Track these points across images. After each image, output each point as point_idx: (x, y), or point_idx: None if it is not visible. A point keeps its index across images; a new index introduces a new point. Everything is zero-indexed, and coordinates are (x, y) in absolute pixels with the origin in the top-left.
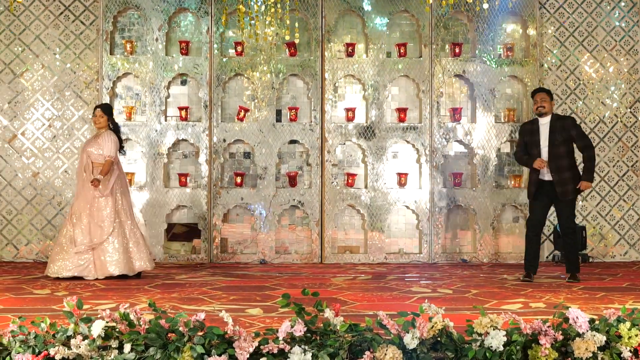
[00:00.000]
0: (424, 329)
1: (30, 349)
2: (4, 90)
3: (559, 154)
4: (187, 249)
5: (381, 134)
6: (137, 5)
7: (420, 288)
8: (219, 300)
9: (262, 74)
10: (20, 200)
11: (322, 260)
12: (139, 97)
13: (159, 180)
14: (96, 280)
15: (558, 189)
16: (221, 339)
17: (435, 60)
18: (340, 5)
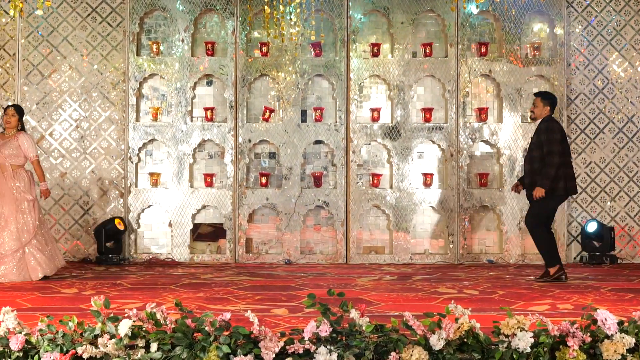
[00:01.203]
0: (450, 330)
1: (58, 348)
2: (32, 91)
3: (532, 157)
4: (213, 249)
5: (406, 134)
6: (163, 7)
7: (446, 289)
8: (244, 300)
9: (287, 74)
10: (48, 200)
11: (347, 261)
12: (165, 98)
13: (185, 180)
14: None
15: (528, 191)
16: (247, 338)
17: (461, 60)
18: (365, 5)
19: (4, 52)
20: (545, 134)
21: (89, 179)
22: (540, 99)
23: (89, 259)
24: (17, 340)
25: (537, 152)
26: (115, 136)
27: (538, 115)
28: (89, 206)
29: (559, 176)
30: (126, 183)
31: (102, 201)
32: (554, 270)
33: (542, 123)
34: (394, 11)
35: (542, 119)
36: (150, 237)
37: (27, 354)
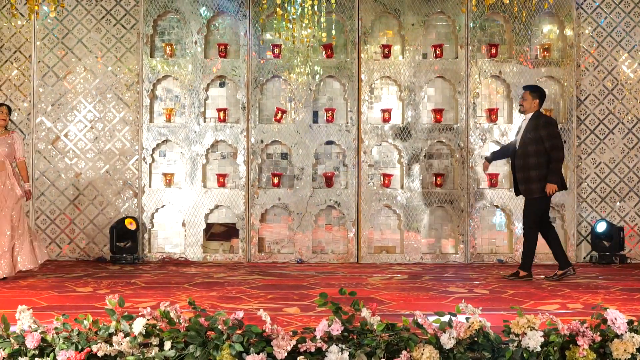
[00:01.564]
0: (461, 329)
1: (74, 346)
2: (47, 92)
3: (527, 152)
4: (225, 248)
5: (417, 134)
6: (177, 9)
7: (457, 288)
8: (257, 299)
9: (299, 75)
10: (63, 200)
11: (359, 260)
12: (179, 99)
13: (198, 180)
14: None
15: (521, 186)
16: (259, 337)
17: (471, 61)
18: (376, 7)
19: (19, 54)
20: (546, 129)
21: (103, 179)
22: (529, 92)
23: (104, 258)
24: (33, 339)
25: (533, 147)
26: (129, 137)
27: (527, 108)
28: (104, 206)
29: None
30: (140, 183)
31: (117, 201)
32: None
33: (538, 119)
34: (404, 13)
35: (533, 113)
36: (163, 236)
37: (43, 352)
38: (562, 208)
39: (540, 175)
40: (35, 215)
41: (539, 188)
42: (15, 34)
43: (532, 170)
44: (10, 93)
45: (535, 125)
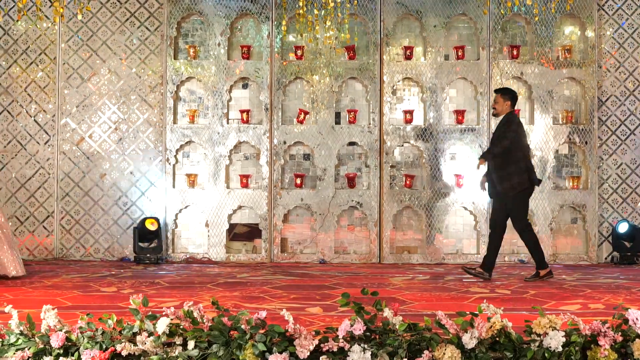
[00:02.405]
0: (483, 329)
1: (98, 345)
2: (72, 94)
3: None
4: (248, 249)
5: (439, 135)
6: (200, 11)
7: (479, 288)
8: (279, 299)
9: (321, 77)
10: (88, 200)
11: (381, 261)
12: (202, 101)
13: (221, 181)
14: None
15: (491, 190)
16: (282, 336)
17: (493, 62)
18: (398, 9)
19: (44, 56)
20: (503, 127)
21: (127, 180)
22: (500, 95)
23: (128, 258)
24: (57, 338)
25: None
26: (153, 138)
27: (500, 111)
28: (128, 207)
29: (522, 169)
30: (164, 184)
31: (140, 202)
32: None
33: (504, 118)
34: (426, 15)
35: (505, 115)
36: (187, 236)
37: (68, 351)
38: (584, 209)
39: (507, 173)
40: (60, 215)
41: (509, 186)
42: (40, 36)
43: (499, 170)
44: (35, 95)
45: (499, 125)
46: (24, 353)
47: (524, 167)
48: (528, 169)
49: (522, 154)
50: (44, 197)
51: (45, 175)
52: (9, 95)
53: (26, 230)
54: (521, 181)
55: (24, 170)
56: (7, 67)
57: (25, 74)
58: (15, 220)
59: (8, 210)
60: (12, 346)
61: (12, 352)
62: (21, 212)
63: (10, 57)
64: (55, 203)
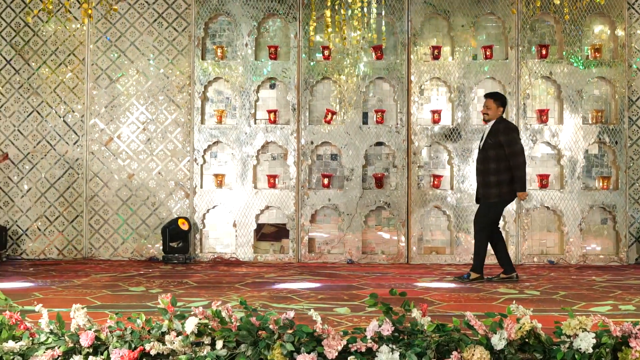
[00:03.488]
0: (512, 330)
1: (127, 344)
2: (101, 95)
3: (487, 157)
4: (276, 249)
5: (467, 135)
6: (228, 12)
7: (507, 289)
8: (307, 299)
9: (348, 77)
10: (116, 200)
11: (409, 261)
12: (229, 101)
13: (249, 181)
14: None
15: (480, 190)
16: (310, 337)
17: (521, 62)
18: (426, 8)
19: (73, 57)
20: (505, 134)
21: (155, 180)
22: (492, 100)
23: (156, 258)
24: (87, 337)
25: (493, 152)
26: (180, 138)
27: (492, 116)
28: (156, 207)
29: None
30: (192, 184)
31: (168, 202)
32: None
33: (499, 124)
34: (454, 14)
35: (499, 119)
36: (215, 236)
37: (97, 350)
38: (614, 209)
39: (498, 180)
40: (89, 215)
41: (496, 193)
42: (69, 37)
43: (491, 175)
44: (64, 95)
45: (496, 131)
46: (54, 352)
47: (512, 177)
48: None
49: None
50: (73, 197)
51: (74, 175)
52: (39, 95)
53: (55, 230)
54: (510, 190)
55: (53, 170)
56: (36, 68)
57: (54, 75)
58: (44, 219)
59: (38, 210)
60: (42, 345)
61: (42, 351)
62: (50, 211)
63: (40, 58)
64: (84, 203)
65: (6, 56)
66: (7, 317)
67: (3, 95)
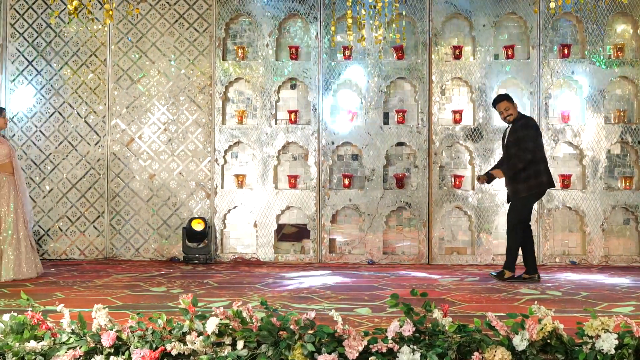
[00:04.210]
0: (534, 331)
1: (148, 344)
2: (122, 95)
3: (510, 154)
4: (297, 249)
5: (488, 135)
6: (249, 12)
7: (529, 290)
8: (328, 299)
9: (369, 77)
10: (138, 201)
11: (430, 262)
12: (250, 101)
13: (269, 182)
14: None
15: (509, 188)
16: (331, 337)
17: (543, 61)
18: (447, 8)
19: (95, 57)
20: (522, 130)
21: (176, 181)
22: (506, 101)
23: (177, 258)
24: (108, 337)
25: (514, 150)
26: (201, 139)
27: (515, 115)
28: (177, 207)
29: (540, 172)
30: (213, 184)
31: (189, 202)
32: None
33: (519, 121)
34: (475, 14)
35: (520, 116)
36: (235, 237)
37: (118, 350)
38: (636, 210)
39: (525, 175)
40: (110, 215)
41: (524, 188)
42: (90, 38)
43: (519, 171)
44: (86, 96)
45: (515, 129)
46: (76, 352)
47: (542, 169)
48: (546, 170)
49: (540, 155)
50: (94, 198)
51: (95, 175)
52: (60, 96)
53: (77, 230)
54: (538, 183)
55: (75, 171)
56: (58, 69)
57: (75, 76)
58: (66, 220)
59: (59, 210)
60: (64, 345)
61: (64, 351)
62: (72, 212)
63: (61, 59)
64: (106, 203)
65: (28, 57)
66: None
67: (25, 96)
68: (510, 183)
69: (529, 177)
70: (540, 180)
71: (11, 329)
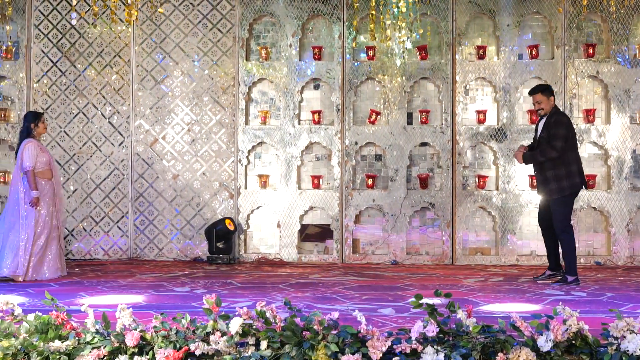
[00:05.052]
0: (558, 332)
1: (172, 344)
2: (146, 96)
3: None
4: (320, 249)
5: (512, 135)
6: (272, 13)
7: (553, 290)
8: (351, 299)
9: (393, 77)
10: (161, 201)
11: (453, 262)
12: (274, 102)
13: (293, 182)
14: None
15: (540, 187)
16: (355, 337)
17: (567, 61)
18: (471, 8)
19: (118, 58)
20: (555, 127)
21: (200, 181)
22: (541, 93)
23: (200, 259)
24: (132, 337)
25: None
26: (225, 139)
27: (547, 109)
28: (200, 207)
29: (573, 172)
30: (236, 185)
31: (213, 202)
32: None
33: (551, 117)
34: (499, 13)
35: (554, 111)
36: (259, 237)
37: (142, 350)
38: None
39: (556, 175)
40: (134, 216)
41: (557, 188)
42: (114, 39)
43: (548, 171)
44: (110, 97)
45: (548, 124)
46: (100, 351)
47: (575, 169)
48: (579, 171)
49: (574, 156)
50: (118, 198)
51: (119, 176)
52: (84, 97)
53: (101, 231)
54: (571, 184)
55: (99, 172)
56: (82, 69)
57: (99, 77)
58: (90, 220)
59: (83, 210)
60: (88, 344)
61: (88, 351)
62: (96, 212)
63: (85, 60)
64: (130, 204)
65: (52, 58)
66: (54, 317)
67: (49, 97)
68: (542, 183)
69: (560, 177)
70: (574, 182)
71: (36, 329)
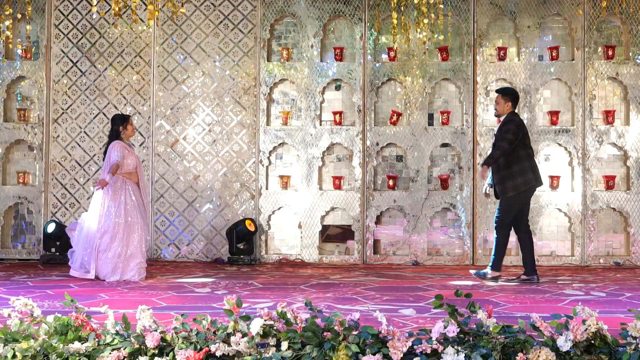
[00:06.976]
0: (578, 332)
1: (192, 346)
2: (166, 97)
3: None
4: (341, 250)
5: (533, 137)
6: (293, 14)
7: (573, 291)
8: (372, 300)
9: (414, 78)
10: (182, 202)
11: (474, 262)
12: (295, 103)
13: (314, 183)
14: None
15: (497, 187)
16: (375, 338)
17: (587, 63)
18: (491, 9)
19: (139, 59)
20: (504, 126)
21: (221, 182)
22: (501, 95)
23: (221, 259)
24: (152, 338)
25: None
26: (246, 140)
27: (501, 112)
28: (221, 208)
29: (525, 169)
30: (257, 185)
31: (234, 203)
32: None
33: (504, 121)
34: (520, 15)
35: (506, 115)
36: (280, 238)
37: (163, 351)
38: None
39: (510, 173)
40: (155, 216)
41: (511, 186)
42: (135, 39)
43: (502, 170)
44: (130, 97)
45: (500, 128)
46: (120, 353)
47: (527, 166)
48: (532, 168)
49: (525, 152)
50: None
51: None
52: (105, 97)
53: None
54: (525, 181)
55: None
56: (102, 70)
57: (120, 77)
58: None
59: None
60: (108, 346)
61: (108, 352)
62: None
63: (106, 60)
64: (150, 204)
65: (72, 58)
66: (73, 319)
67: (69, 97)
68: (497, 183)
69: (514, 175)
70: (528, 178)
71: (55, 330)
